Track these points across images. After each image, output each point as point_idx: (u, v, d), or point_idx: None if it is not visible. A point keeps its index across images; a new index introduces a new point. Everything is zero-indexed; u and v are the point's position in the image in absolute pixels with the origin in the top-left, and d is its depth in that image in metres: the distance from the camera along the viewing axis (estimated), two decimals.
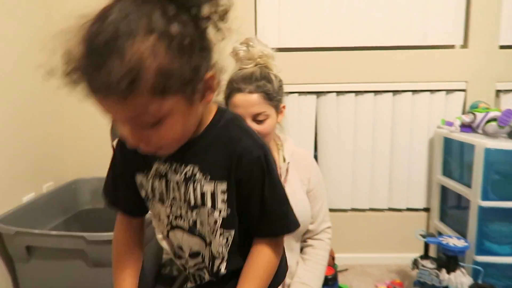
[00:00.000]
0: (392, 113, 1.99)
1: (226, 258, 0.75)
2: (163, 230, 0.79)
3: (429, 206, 2.05)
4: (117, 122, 0.62)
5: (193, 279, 0.82)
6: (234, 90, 1.16)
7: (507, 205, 1.59)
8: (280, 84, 1.22)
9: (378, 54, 1.94)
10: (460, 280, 1.48)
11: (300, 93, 1.97)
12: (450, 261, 1.52)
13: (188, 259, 0.80)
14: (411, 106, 1.97)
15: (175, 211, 0.75)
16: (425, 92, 1.96)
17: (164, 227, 0.79)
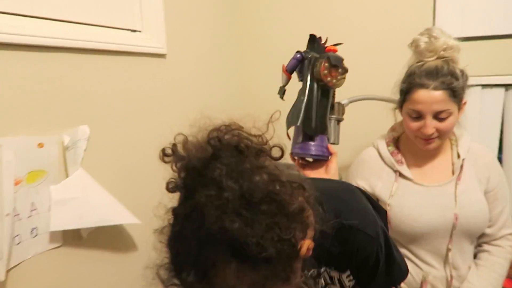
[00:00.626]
0: None
1: None
2: None
3: None
4: None
5: None
6: (415, 85, 1.12)
7: None
8: (466, 79, 1.15)
9: None
10: None
11: (484, 85, 1.77)
12: None
13: None
14: None
15: None
16: None
17: None
